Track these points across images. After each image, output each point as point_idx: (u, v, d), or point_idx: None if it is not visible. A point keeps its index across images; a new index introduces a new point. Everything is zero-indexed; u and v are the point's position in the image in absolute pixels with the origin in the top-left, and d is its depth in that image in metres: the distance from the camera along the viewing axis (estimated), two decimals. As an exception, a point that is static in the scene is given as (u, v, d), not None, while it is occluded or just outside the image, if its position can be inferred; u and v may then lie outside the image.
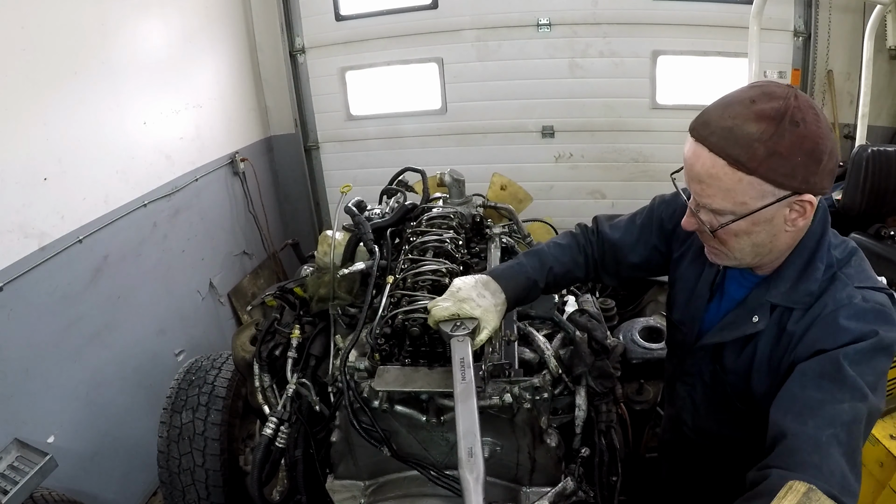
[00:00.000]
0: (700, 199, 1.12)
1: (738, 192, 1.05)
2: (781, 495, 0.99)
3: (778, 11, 4.08)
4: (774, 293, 1.19)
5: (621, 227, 1.53)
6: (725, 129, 1.04)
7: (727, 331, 1.28)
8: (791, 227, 1.11)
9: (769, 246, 1.15)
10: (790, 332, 1.17)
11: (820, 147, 1.03)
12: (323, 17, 4.72)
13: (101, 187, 3.00)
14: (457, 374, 1.29)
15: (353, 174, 4.98)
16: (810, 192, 1.05)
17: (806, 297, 1.16)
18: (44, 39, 2.64)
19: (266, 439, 1.89)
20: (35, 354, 2.54)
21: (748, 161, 1.01)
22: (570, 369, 1.77)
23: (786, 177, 1.02)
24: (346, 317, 2.00)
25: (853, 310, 1.10)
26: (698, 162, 1.08)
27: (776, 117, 1.00)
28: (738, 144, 1.02)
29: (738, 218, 1.08)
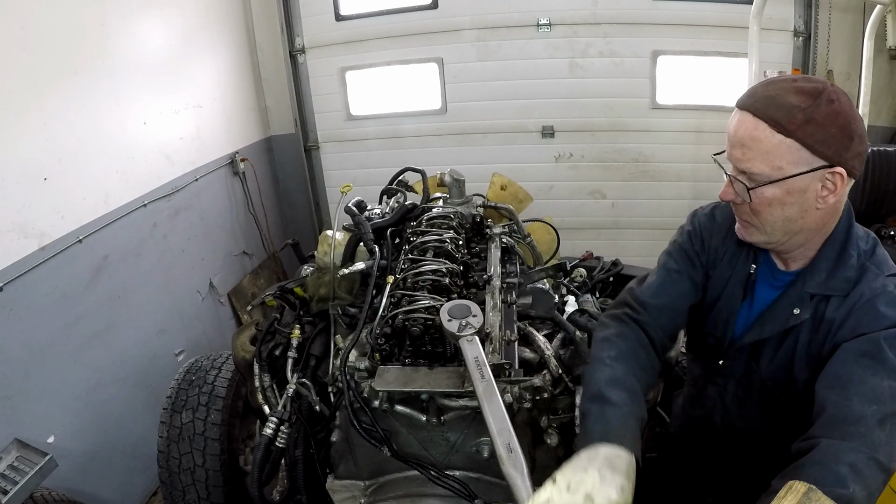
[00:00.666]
0: (740, 164, 1.17)
1: (777, 155, 1.12)
2: (781, 495, 0.99)
3: (778, 11, 4.07)
4: (812, 284, 1.24)
5: (664, 287, 1.43)
6: (769, 97, 1.13)
7: (768, 326, 1.31)
8: (822, 204, 1.16)
9: (799, 223, 1.18)
10: (829, 319, 1.22)
11: (852, 126, 1.11)
12: (323, 17, 4.72)
13: (101, 187, 3.00)
14: (475, 374, 1.30)
15: (353, 174, 4.98)
16: (842, 166, 1.11)
17: (844, 283, 1.21)
18: (44, 39, 2.64)
19: (266, 439, 1.89)
20: (35, 354, 2.54)
21: (787, 123, 1.10)
22: (570, 369, 1.77)
23: (820, 143, 1.10)
24: (347, 317, 2.00)
25: (889, 297, 1.17)
26: (742, 127, 1.16)
27: (814, 93, 1.11)
28: (780, 109, 1.11)
29: (775, 181, 1.13)
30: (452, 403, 1.55)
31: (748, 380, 1.39)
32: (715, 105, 4.40)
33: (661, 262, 1.47)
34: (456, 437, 1.65)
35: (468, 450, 1.66)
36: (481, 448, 1.64)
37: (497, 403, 1.23)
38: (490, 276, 1.93)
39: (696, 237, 1.43)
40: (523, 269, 2.24)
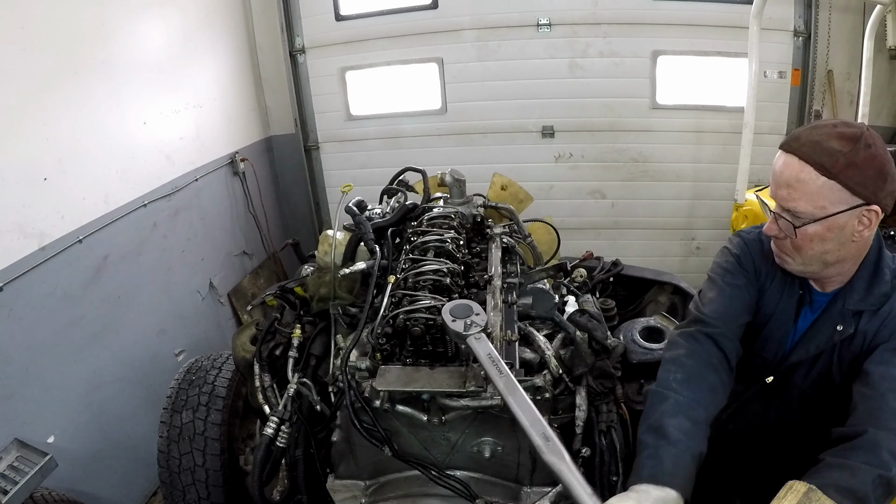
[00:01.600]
0: (786, 203, 1.28)
1: (821, 195, 1.23)
2: (781, 495, 0.99)
3: (778, 11, 4.08)
4: (851, 301, 1.36)
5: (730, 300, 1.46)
6: (814, 142, 1.24)
7: (813, 344, 1.42)
8: (857, 238, 1.28)
9: (836, 254, 1.30)
10: (863, 331, 1.36)
11: (886, 168, 1.24)
12: (323, 17, 4.71)
13: (101, 187, 3.00)
14: (492, 371, 1.30)
15: (353, 174, 4.98)
16: (878, 204, 1.24)
17: (881, 297, 1.34)
18: (44, 39, 2.64)
19: (267, 439, 1.89)
20: (35, 354, 2.54)
21: (832, 167, 1.21)
22: (570, 369, 1.77)
23: (859, 185, 1.22)
24: (347, 316, 2.00)
25: None
26: (788, 169, 1.27)
27: (853, 138, 1.22)
28: (824, 154, 1.22)
29: (818, 219, 1.24)
30: (453, 403, 1.55)
31: (789, 394, 1.50)
32: (715, 105, 4.40)
33: (716, 282, 1.49)
34: (457, 437, 1.65)
35: (469, 449, 1.66)
36: (482, 448, 1.65)
37: (521, 396, 1.24)
38: (491, 276, 1.94)
39: (746, 257, 1.49)
40: (523, 269, 2.24)
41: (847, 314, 1.36)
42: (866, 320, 1.36)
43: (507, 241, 2.30)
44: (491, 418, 1.59)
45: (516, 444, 1.64)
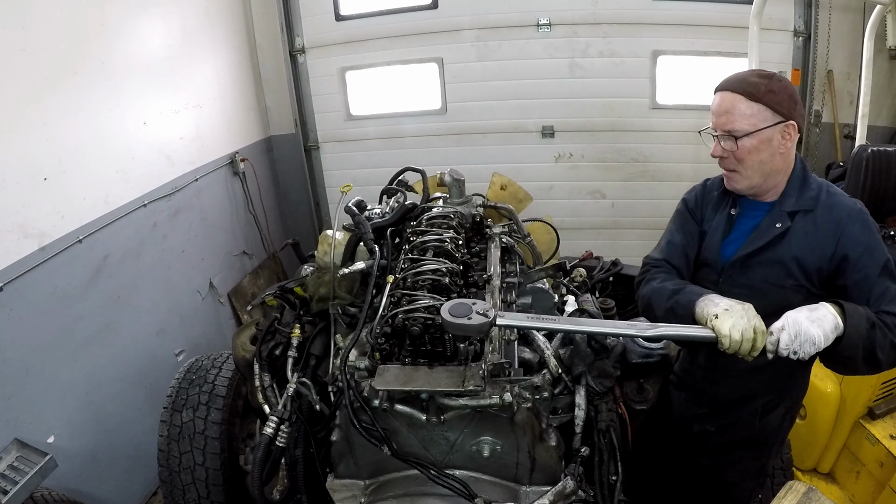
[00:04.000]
0: (726, 126, 1.62)
1: (752, 115, 1.58)
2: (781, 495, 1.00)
3: (778, 11, 4.08)
4: (786, 204, 1.66)
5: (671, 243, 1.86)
6: (741, 79, 1.63)
7: (757, 240, 1.68)
8: (783, 149, 1.62)
9: (770, 165, 1.63)
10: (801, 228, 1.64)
11: (796, 95, 1.63)
12: (323, 17, 4.72)
13: (101, 187, 3.00)
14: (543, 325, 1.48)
15: (353, 174, 4.99)
16: (794, 121, 1.59)
17: (810, 201, 1.65)
18: (44, 39, 2.64)
19: (266, 438, 1.89)
20: (35, 354, 2.54)
21: (756, 93, 1.58)
22: (569, 369, 1.77)
23: (779, 105, 1.58)
24: (347, 316, 2.00)
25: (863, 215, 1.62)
26: (725, 100, 1.62)
27: (768, 75, 1.63)
28: (751, 85, 1.60)
29: (750, 133, 1.58)
30: (452, 402, 1.55)
31: (750, 288, 1.69)
32: (715, 105, 4.40)
33: (668, 228, 1.91)
34: (456, 437, 1.65)
35: (468, 449, 1.66)
36: (481, 447, 1.65)
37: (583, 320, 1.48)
38: (490, 276, 1.94)
39: (691, 200, 1.87)
40: (523, 269, 2.24)
41: (783, 214, 1.66)
42: (801, 219, 1.65)
43: (506, 240, 2.30)
44: (490, 417, 1.59)
45: (515, 444, 1.64)
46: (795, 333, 1.40)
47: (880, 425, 2.39)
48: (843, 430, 2.46)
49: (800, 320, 1.41)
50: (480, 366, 1.53)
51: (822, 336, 1.40)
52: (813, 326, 1.40)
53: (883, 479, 2.31)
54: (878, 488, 2.34)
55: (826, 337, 1.40)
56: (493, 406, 1.54)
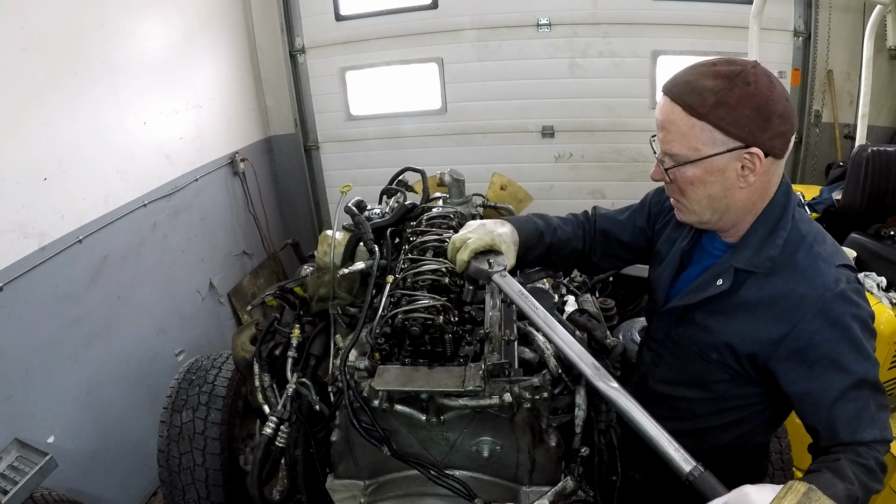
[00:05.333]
0: (663, 145, 1.23)
1: (692, 136, 1.16)
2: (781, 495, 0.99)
3: (778, 11, 4.08)
4: (738, 258, 1.27)
5: (615, 212, 1.67)
6: (685, 82, 1.18)
7: (693, 294, 1.36)
8: (744, 184, 1.19)
9: (725, 201, 1.23)
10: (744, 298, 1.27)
11: (769, 107, 1.13)
12: (323, 17, 4.72)
13: (101, 187, 3.00)
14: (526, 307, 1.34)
15: (353, 174, 4.99)
16: (759, 147, 1.14)
17: (766, 262, 1.24)
18: (44, 39, 2.64)
19: (266, 439, 1.89)
20: (35, 354, 2.54)
21: (699, 107, 1.14)
22: (570, 369, 1.77)
23: (732, 125, 1.13)
24: (346, 316, 2.00)
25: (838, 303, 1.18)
26: (661, 111, 1.21)
27: (730, 76, 1.14)
28: (693, 93, 1.15)
29: (692, 161, 1.18)
30: (452, 403, 1.55)
31: (677, 345, 1.44)
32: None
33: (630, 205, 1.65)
34: (456, 437, 1.65)
35: (468, 449, 1.66)
36: (481, 447, 1.64)
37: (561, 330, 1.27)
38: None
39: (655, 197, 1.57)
40: (523, 269, 2.24)
41: (730, 270, 1.27)
42: (752, 288, 1.26)
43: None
44: (490, 418, 1.59)
45: (515, 444, 1.64)
46: None
47: (880, 425, 2.39)
48: (843, 431, 2.45)
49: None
50: (480, 366, 1.53)
51: None
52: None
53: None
54: (878, 488, 2.34)
55: None
56: (493, 406, 1.54)
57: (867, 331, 1.18)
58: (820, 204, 3.00)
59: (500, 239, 1.46)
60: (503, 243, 1.47)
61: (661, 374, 1.51)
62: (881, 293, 2.36)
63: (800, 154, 4.47)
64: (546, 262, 1.71)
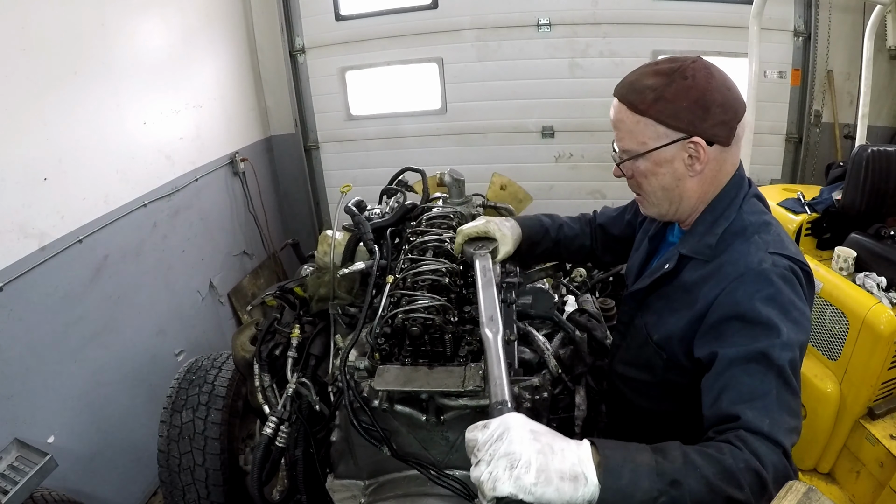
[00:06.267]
0: (616, 143, 1.32)
1: (638, 132, 1.25)
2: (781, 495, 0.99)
3: (778, 11, 4.08)
4: (684, 245, 1.34)
5: (612, 209, 1.84)
6: (629, 83, 1.27)
7: (645, 278, 1.44)
8: (693, 173, 1.26)
9: (677, 191, 1.30)
10: (684, 281, 1.31)
11: (707, 98, 1.20)
12: (323, 17, 4.72)
13: (101, 187, 3.00)
14: (479, 275, 1.51)
15: (353, 174, 4.99)
16: (700, 136, 1.21)
17: (706, 249, 1.29)
18: (44, 39, 2.64)
19: (266, 439, 1.89)
20: (35, 354, 2.54)
21: (639, 104, 1.23)
22: (569, 369, 1.77)
23: (672, 118, 1.21)
24: (346, 316, 2.00)
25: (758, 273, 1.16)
26: (612, 111, 1.30)
27: (668, 73, 1.22)
28: (635, 92, 1.24)
29: (641, 154, 1.27)
30: (452, 403, 1.55)
31: (635, 328, 1.49)
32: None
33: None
34: (455, 437, 1.65)
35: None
36: (481, 447, 1.64)
37: (492, 291, 1.41)
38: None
39: None
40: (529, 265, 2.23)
41: (676, 254, 1.33)
42: (691, 271, 1.29)
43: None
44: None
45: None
46: (499, 459, 0.87)
47: (880, 425, 2.39)
48: (843, 430, 2.46)
49: (515, 440, 0.89)
50: (480, 366, 1.53)
51: (534, 485, 0.84)
52: (535, 459, 0.86)
53: (883, 479, 2.31)
54: (878, 488, 2.34)
55: (559, 493, 0.85)
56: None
57: (784, 314, 1.12)
58: (820, 204, 3.00)
59: (495, 228, 1.65)
60: (498, 231, 1.65)
61: (621, 356, 1.58)
62: (881, 293, 2.36)
63: (800, 154, 4.47)
64: (555, 256, 1.89)
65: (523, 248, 1.70)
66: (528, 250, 1.74)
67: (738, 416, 1.02)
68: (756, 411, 1.02)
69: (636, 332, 1.48)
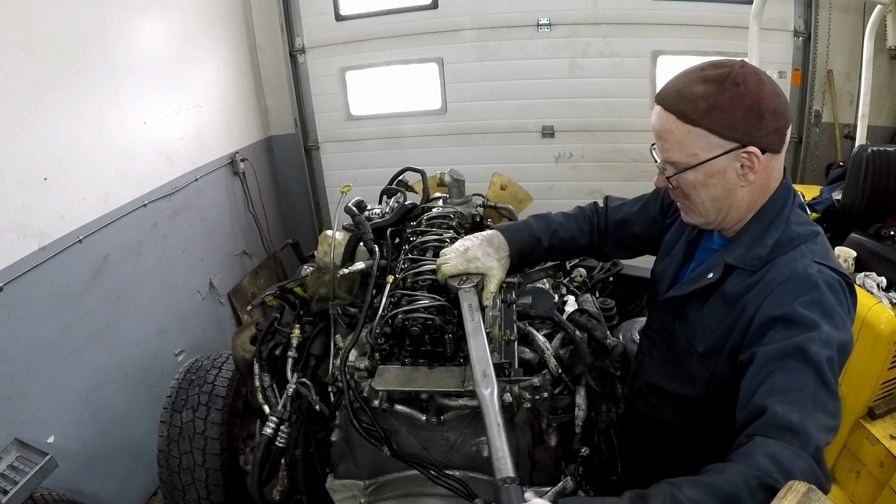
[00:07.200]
0: (662, 154, 1.26)
1: (689, 143, 1.19)
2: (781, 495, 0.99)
3: (778, 11, 4.08)
4: (730, 254, 1.29)
5: (628, 203, 1.71)
6: (676, 91, 1.20)
7: (685, 286, 1.38)
8: (745, 182, 1.21)
9: (728, 201, 1.25)
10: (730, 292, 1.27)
11: (760, 105, 1.15)
12: (323, 17, 4.72)
13: (101, 187, 3.00)
14: (466, 317, 1.45)
15: (353, 174, 4.99)
16: (755, 145, 1.16)
17: (755, 260, 1.24)
18: (44, 39, 2.64)
19: (266, 439, 1.89)
20: (35, 354, 2.54)
21: (692, 114, 1.16)
22: (570, 369, 1.77)
23: (727, 128, 1.15)
24: (346, 316, 2.00)
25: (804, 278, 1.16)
26: (657, 121, 1.23)
27: (719, 80, 1.16)
28: (685, 101, 1.17)
29: (691, 167, 1.20)
30: (452, 403, 1.55)
31: (671, 337, 1.44)
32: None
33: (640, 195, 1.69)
34: (456, 437, 1.65)
35: (468, 449, 1.66)
36: (481, 447, 1.64)
37: (481, 341, 1.36)
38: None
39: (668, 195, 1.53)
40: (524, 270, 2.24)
41: (721, 264, 1.29)
42: (736, 281, 1.26)
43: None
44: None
45: (515, 445, 1.64)
46: None
47: (880, 425, 2.39)
48: (843, 430, 2.46)
49: None
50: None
51: None
52: None
53: (883, 479, 2.31)
54: (878, 488, 2.34)
55: None
56: (493, 406, 1.53)
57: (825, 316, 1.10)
58: (820, 204, 3.00)
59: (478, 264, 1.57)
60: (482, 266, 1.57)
61: (656, 366, 1.52)
62: (881, 293, 2.36)
63: (800, 154, 4.47)
64: (550, 259, 1.84)
65: (513, 262, 1.63)
66: (519, 263, 1.67)
67: (767, 409, 1.00)
68: (787, 405, 0.99)
69: (674, 342, 1.42)
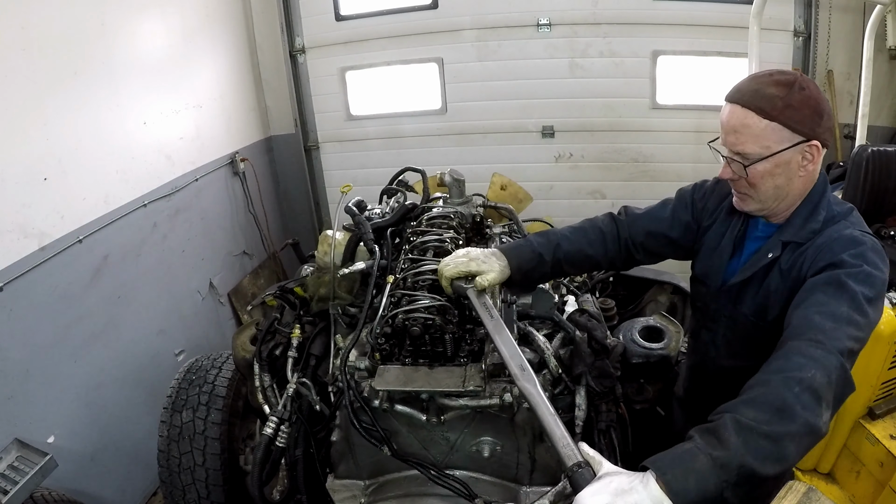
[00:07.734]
0: (735, 147, 1.41)
1: (764, 136, 1.36)
2: (781, 495, 0.99)
3: (778, 11, 4.07)
4: (786, 234, 1.48)
5: (653, 210, 1.76)
6: (754, 90, 1.38)
7: (748, 269, 1.54)
8: (803, 172, 1.41)
9: (786, 189, 1.43)
10: (788, 263, 1.46)
11: (821, 107, 1.38)
12: (323, 17, 4.71)
13: (101, 187, 3.00)
14: (484, 315, 1.45)
15: (353, 174, 4.98)
16: (817, 139, 1.37)
17: (810, 234, 1.44)
18: (44, 39, 2.64)
19: (266, 439, 1.89)
20: (35, 354, 2.54)
21: (771, 110, 1.35)
22: (570, 369, 1.77)
23: (798, 123, 1.35)
24: (347, 316, 2.00)
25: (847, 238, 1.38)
26: (734, 116, 1.40)
27: (789, 83, 1.36)
28: (764, 99, 1.36)
29: (763, 158, 1.38)
30: (452, 403, 1.55)
31: (734, 321, 1.60)
32: (715, 105, 4.36)
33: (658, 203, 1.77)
34: (456, 437, 1.65)
35: (468, 449, 1.67)
36: (481, 447, 1.65)
37: (506, 335, 1.37)
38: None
39: (699, 190, 1.72)
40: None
41: (778, 243, 1.48)
42: (789, 256, 1.46)
43: (506, 240, 2.30)
44: (490, 418, 1.59)
45: (515, 444, 1.64)
46: None
47: (880, 425, 2.39)
48: (843, 430, 2.46)
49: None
50: (480, 366, 1.53)
51: None
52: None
53: (883, 479, 2.31)
54: (878, 488, 2.34)
55: None
56: (494, 406, 1.54)
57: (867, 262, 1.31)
58: (820, 204, 3.00)
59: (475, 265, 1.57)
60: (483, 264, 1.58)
61: (725, 351, 1.65)
62: (881, 293, 2.35)
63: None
64: (559, 274, 1.81)
65: (516, 278, 1.63)
66: (522, 280, 1.66)
67: (805, 317, 1.22)
68: (822, 315, 1.21)
69: (737, 325, 1.58)
